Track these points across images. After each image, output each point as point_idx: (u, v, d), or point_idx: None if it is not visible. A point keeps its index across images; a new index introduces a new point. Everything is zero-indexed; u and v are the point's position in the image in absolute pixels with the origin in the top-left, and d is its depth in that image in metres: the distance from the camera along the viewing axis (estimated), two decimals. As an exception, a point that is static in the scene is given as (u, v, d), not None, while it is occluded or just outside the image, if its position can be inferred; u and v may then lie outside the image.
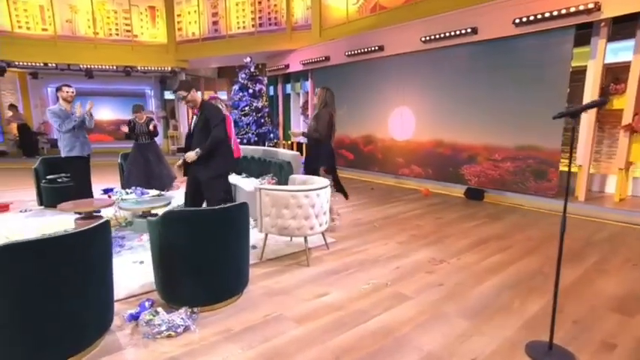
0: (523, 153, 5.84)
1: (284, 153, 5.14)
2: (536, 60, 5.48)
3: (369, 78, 8.21)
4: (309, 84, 10.33)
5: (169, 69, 11.97)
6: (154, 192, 5.27)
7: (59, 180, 5.58)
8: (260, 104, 9.55)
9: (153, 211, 4.56)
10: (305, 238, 3.48)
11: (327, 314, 2.60)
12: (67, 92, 4.97)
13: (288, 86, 11.38)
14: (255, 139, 9.34)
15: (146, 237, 4.16)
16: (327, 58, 8.94)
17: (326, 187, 3.51)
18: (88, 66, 11.30)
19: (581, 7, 4.75)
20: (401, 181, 7.69)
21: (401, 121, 7.72)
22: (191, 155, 3.50)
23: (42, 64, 10.96)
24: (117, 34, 11.43)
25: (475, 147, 6.48)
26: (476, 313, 2.61)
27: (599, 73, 5.06)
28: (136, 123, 6.12)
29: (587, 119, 5.28)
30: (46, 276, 1.89)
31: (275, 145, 10.21)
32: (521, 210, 5.58)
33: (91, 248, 2.05)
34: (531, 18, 5.22)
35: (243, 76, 9.48)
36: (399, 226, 4.78)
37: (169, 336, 2.30)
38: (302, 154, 6.05)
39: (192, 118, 3.73)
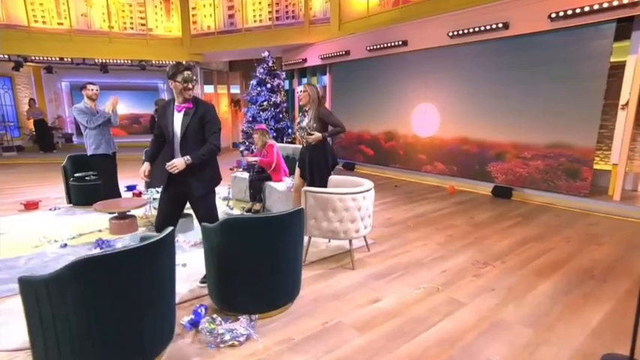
0: (555, 151, 5.73)
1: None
2: (571, 55, 5.36)
3: (391, 73, 8.09)
4: (326, 78, 10.22)
5: (184, 63, 11.86)
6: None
7: (87, 178, 5.57)
8: (278, 99, 9.45)
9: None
10: (350, 241, 3.44)
11: (385, 321, 2.57)
12: (92, 90, 4.97)
13: (304, 80, 11.26)
14: (274, 134, 9.26)
15: (182, 238, 4.16)
16: (347, 53, 8.81)
17: (371, 189, 3.46)
18: (103, 60, 11.23)
19: (625, 0, 4.61)
20: (423, 178, 7.61)
21: (424, 117, 7.62)
22: (179, 164, 2.65)
23: (57, 59, 10.92)
24: (132, 28, 11.34)
25: (503, 144, 6.38)
26: (536, 321, 2.56)
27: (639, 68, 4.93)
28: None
29: (625, 116, 5.16)
30: (120, 287, 1.87)
31: (293, 141, 10.15)
32: (552, 209, 5.50)
33: (161, 258, 2.02)
34: (569, 12, 5.08)
35: (262, 70, 9.37)
36: (432, 225, 4.73)
37: (232, 345, 2.29)
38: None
39: (172, 114, 2.79)
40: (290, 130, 9.78)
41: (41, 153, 11.62)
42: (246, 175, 5.88)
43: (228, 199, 6.00)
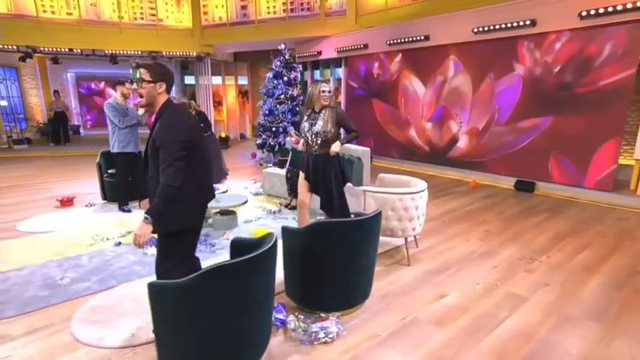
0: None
1: (354, 149, 5.17)
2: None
3: (413, 66, 8.16)
4: (341, 71, 10.24)
5: (194, 54, 11.78)
6: (219, 188, 5.32)
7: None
8: (295, 92, 9.47)
9: (230, 209, 4.64)
10: (405, 238, 3.58)
11: (458, 317, 2.73)
12: (129, 89, 4.99)
13: (317, 72, 11.27)
14: (291, 127, 9.32)
15: (233, 234, 4.26)
16: (366, 46, 8.84)
17: (425, 189, 3.59)
18: (113, 51, 11.08)
19: (655, 3, 4.75)
20: (443, 172, 7.76)
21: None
22: (140, 233, 2.02)
23: (67, 50, 10.75)
24: (142, 19, 11.18)
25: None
26: (600, 316, 2.74)
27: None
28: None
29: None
30: (241, 291, 1.97)
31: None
32: (576, 203, 5.70)
33: (271, 263, 2.12)
34: (600, 11, 5.19)
35: (278, 63, 9.36)
36: (467, 221, 4.89)
37: (325, 342, 2.42)
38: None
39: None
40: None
41: (51, 145, 11.51)
42: (277, 170, 5.97)
43: (259, 194, 6.09)
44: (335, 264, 2.56)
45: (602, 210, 5.36)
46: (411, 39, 7.75)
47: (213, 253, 3.81)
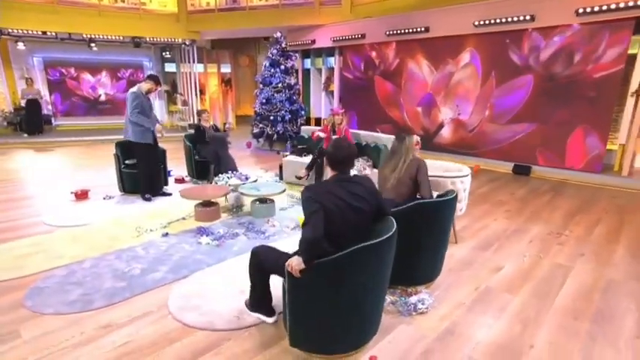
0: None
1: (379, 136, 5.38)
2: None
3: (411, 57, 8.45)
4: (334, 60, 10.35)
5: (180, 40, 11.37)
6: (251, 175, 5.35)
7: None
8: (292, 81, 9.50)
9: (268, 197, 4.70)
10: (454, 219, 3.86)
11: (523, 284, 3.06)
12: (157, 90, 5.13)
13: (307, 61, 11.29)
14: (289, 116, 9.36)
15: (277, 222, 4.35)
16: (363, 36, 9.01)
17: (469, 173, 3.89)
18: (92, 35, 10.46)
19: (645, 3, 5.31)
20: (441, 157, 8.17)
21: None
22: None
23: (40, 33, 10.00)
24: (123, 1, 10.59)
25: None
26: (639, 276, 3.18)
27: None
28: (204, 128, 6.12)
29: (631, 103, 6.01)
30: (373, 270, 2.11)
31: (306, 123, 10.28)
32: (570, 184, 6.29)
33: (394, 244, 2.23)
34: (595, 9, 5.71)
35: (275, 51, 9.32)
36: (485, 202, 5.28)
37: (422, 312, 2.65)
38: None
39: None
40: (302, 112, 9.88)
41: (24, 137, 10.72)
42: (298, 158, 6.06)
43: (277, 182, 6.16)
44: (430, 240, 2.78)
45: (594, 190, 5.97)
46: (411, 30, 8.00)
47: (267, 239, 3.90)
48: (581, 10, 5.88)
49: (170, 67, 13.49)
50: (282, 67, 9.30)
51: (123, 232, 4.06)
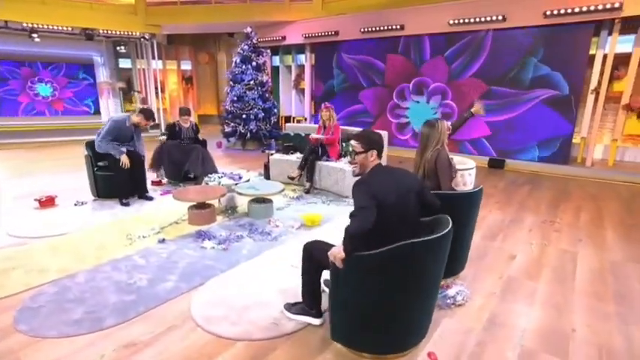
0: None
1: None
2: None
3: (385, 54, 8.55)
4: (305, 57, 10.22)
5: (138, 34, 10.60)
6: (244, 175, 5.08)
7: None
8: (264, 78, 9.22)
9: (265, 197, 4.47)
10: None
11: (540, 271, 3.15)
12: (147, 124, 4.86)
13: (276, 58, 11.05)
14: (262, 114, 9.08)
15: (279, 222, 4.14)
16: (336, 33, 8.97)
17: (474, 167, 3.97)
18: (34, 25, 9.40)
19: (608, 6, 5.77)
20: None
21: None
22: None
23: (-31, 21, 8.82)
24: (71, -11, 9.66)
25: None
26: (636, 257, 3.41)
27: (610, 61, 6.24)
28: (181, 127, 5.75)
29: (591, 102, 6.53)
30: (425, 268, 2.02)
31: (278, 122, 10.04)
32: (542, 176, 6.69)
33: (448, 243, 2.16)
34: (562, 12, 6.12)
35: (246, 47, 8.99)
36: (473, 194, 5.45)
37: (460, 305, 2.63)
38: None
39: None
40: (275, 110, 9.64)
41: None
42: (285, 156, 5.86)
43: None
44: (466, 231, 2.77)
45: (565, 180, 6.40)
46: (386, 27, 8.09)
47: (276, 241, 3.70)
48: (548, 12, 6.27)
49: (125, 63, 12.54)
50: (254, 63, 9.00)
51: (111, 240, 3.65)
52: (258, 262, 3.24)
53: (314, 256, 2.24)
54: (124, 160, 4.62)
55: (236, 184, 4.70)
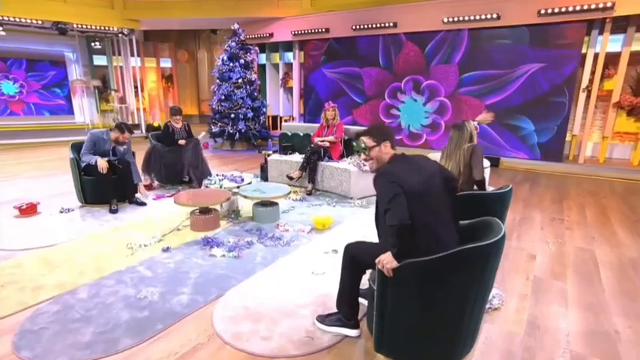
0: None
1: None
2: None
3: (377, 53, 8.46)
4: (294, 55, 10.00)
5: (115, 29, 10.08)
6: (246, 177, 4.86)
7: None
8: (253, 76, 8.95)
9: (271, 200, 4.26)
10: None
11: (564, 270, 3.10)
12: (125, 138, 4.58)
13: (262, 56, 10.77)
14: (251, 113, 8.81)
15: (287, 225, 3.95)
16: (327, 30, 8.80)
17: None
18: (0, 17, 8.75)
19: (601, 5, 5.87)
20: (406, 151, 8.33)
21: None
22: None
23: None
24: (42, -20, 9.05)
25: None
26: (651, 254, 3.44)
27: (601, 60, 6.37)
28: (174, 128, 5.47)
29: (582, 101, 6.66)
30: (482, 276, 1.89)
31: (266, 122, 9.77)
32: (537, 173, 6.77)
33: (501, 249, 2.02)
34: (556, 10, 6.19)
35: (233, 44, 8.69)
36: (476, 193, 5.42)
37: (496, 309, 2.53)
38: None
39: None
40: (264, 109, 9.39)
41: None
42: (284, 157, 5.65)
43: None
44: None
45: (561, 177, 6.48)
46: (378, 25, 8.00)
47: (288, 246, 3.50)
48: (542, 11, 6.34)
49: (100, 60, 11.92)
50: (242, 60, 8.71)
51: (109, 250, 3.35)
52: (275, 270, 3.04)
53: (357, 260, 2.08)
54: (101, 163, 4.36)
55: (238, 186, 4.46)
